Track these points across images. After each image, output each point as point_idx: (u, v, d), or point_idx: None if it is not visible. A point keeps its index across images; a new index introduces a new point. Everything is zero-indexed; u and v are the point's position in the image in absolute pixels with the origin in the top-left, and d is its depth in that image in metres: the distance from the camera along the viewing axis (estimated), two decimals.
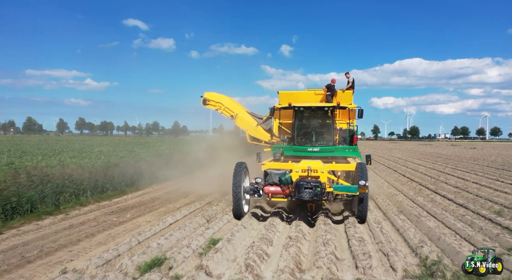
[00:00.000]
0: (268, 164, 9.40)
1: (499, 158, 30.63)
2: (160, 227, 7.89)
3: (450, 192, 12.62)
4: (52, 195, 10.39)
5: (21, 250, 6.46)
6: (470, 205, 10.27)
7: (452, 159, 30.25)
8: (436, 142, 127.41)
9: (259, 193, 8.37)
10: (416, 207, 10.22)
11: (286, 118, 11.49)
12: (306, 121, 10.77)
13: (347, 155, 10.35)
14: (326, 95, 12.04)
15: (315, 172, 8.34)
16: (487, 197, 11.30)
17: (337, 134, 10.74)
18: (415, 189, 13.74)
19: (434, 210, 9.70)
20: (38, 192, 10.06)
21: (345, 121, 11.24)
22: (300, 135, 10.52)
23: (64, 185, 11.24)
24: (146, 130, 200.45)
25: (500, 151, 46.40)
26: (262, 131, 13.04)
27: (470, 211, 9.56)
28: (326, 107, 10.09)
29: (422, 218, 8.63)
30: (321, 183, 7.93)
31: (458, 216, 9.06)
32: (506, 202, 10.31)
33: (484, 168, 21.23)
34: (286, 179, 8.03)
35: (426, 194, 12.53)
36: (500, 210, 9.47)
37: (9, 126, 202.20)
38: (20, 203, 9.08)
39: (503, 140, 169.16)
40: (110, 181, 12.88)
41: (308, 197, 7.81)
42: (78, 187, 11.48)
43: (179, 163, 17.39)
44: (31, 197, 9.61)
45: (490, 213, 9.14)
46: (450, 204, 10.71)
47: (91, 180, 12.18)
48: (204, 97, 13.76)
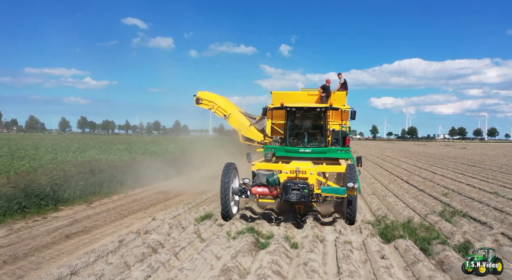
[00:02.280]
0: (258, 164, 9.37)
1: (477, 157, 33.93)
2: (197, 201, 11.13)
3: (418, 181, 15.87)
4: (107, 181, 13.59)
5: (115, 210, 9.78)
6: (427, 190, 13.52)
7: (435, 157, 33.53)
8: (432, 142, 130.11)
9: (247, 194, 8.35)
10: (386, 191, 13.48)
11: (278, 118, 11.31)
12: (298, 122, 10.67)
13: (339, 157, 10.27)
14: (321, 96, 12.00)
15: (303, 173, 8.31)
16: (444, 185, 14.55)
17: (329, 135, 10.55)
18: (391, 179, 17.03)
19: (398, 192, 12.98)
20: (97, 179, 13.27)
21: (337, 122, 11.10)
22: (292, 136, 10.45)
23: (112, 174, 14.45)
24: (147, 129, 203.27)
25: (486, 151, 49.65)
26: (255, 131, 12.93)
27: (425, 194, 12.81)
28: (318, 108, 9.96)
29: (386, 197, 11.90)
30: (309, 185, 7.90)
31: (414, 196, 12.35)
32: (455, 188, 13.57)
33: (458, 165, 24.54)
34: (273, 180, 8.00)
35: (398, 183, 15.81)
36: (447, 192, 12.73)
37: (12, 124, 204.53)
38: (87, 186, 12.23)
39: (500, 140, 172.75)
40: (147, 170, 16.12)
41: (295, 198, 7.81)
42: (124, 175, 14.70)
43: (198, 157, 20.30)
44: (94, 183, 12.79)
45: (439, 195, 12.37)
46: (413, 189, 14.00)
47: (133, 170, 15.44)
48: (197, 96, 13.69)
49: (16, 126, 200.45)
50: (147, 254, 6.10)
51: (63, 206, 10.10)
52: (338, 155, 10.18)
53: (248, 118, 13.48)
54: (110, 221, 8.77)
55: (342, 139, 10.49)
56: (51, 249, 6.67)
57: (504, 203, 10.62)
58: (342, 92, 12.31)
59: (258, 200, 8.60)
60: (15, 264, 5.90)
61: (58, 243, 7.00)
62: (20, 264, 5.90)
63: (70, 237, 7.38)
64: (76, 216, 9.10)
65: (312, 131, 10.42)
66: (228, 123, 13.73)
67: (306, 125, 10.46)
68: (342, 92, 12.33)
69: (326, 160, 10.07)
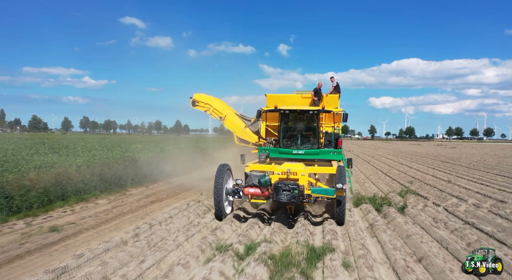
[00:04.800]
0: (252, 166, 9.58)
1: (457, 155, 37.95)
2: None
3: (394, 174, 19.81)
4: (142, 175, 17.37)
5: (170, 190, 13.78)
6: (398, 179, 17.47)
7: (420, 155, 37.53)
8: (427, 142, 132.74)
9: (240, 195, 8.64)
10: (367, 180, 17.42)
11: (273, 120, 11.60)
12: (292, 124, 10.98)
13: (332, 158, 10.55)
14: (313, 99, 12.32)
15: (294, 174, 8.52)
16: (413, 176, 18.49)
17: (322, 137, 10.80)
18: (373, 172, 21.02)
19: (375, 180, 16.95)
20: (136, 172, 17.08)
21: (330, 125, 11.42)
22: (285, 138, 10.72)
23: (150, 167, 18.30)
24: (148, 129, 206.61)
25: (472, 151, 53.65)
26: (250, 133, 13.23)
27: (396, 181, 16.75)
28: (311, 110, 10.29)
29: (365, 183, 15.84)
30: (299, 186, 8.11)
31: (386, 183, 16.32)
32: (420, 178, 17.51)
33: (435, 162, 28.56)
34: (265, 181, 8.26)
35: (378, 174, 19.78)
36: (412, 180, 16.67)
37: (15, 124, 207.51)
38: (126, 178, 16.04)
39: (497, 140, 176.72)
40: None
41: (286, 199, 8.05)
42: (157, 169, 18.57)
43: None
44: (142, 173, 16.64)
45: (405, 182, 16.29)
46: (387, 178, 17.99)
47: (162, 165, 19.35)
48: (193, 99, 13.99)
49: (19, 125, 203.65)
50: (206, 211, 10.05)
51: (130, 188, 14.03)
52: (330, 157, 10.50)
53: (243, 120, 13.78)
54: (171, 196, 12.73)
55: (335, 141, 10.85)
56: (146, 208, 10.69)
57: (450, 187, 14.61)
58: (335, 95, 12.69)
59: (251, 201, 8.88)
60: (130, 214, 9.81)
61: (145, 207, 10.92)
62: (134, 214, 9.82)
63: (153, 203, 11.40)
64: (145, 193, 13.11)
65: (305, 133, 10.78)
66: (224, 125, 13.98)
67: (300, 127, 10.82)
68: (335, 95, 12.72)
69: (318, 162, 10.53)
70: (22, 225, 8.34)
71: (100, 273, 5.38)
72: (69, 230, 8.00)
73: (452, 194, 12.64)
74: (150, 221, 8.50)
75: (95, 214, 9.67)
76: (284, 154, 10.29)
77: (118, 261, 5.85)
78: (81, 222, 8.76)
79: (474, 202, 11.36)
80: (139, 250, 6.45)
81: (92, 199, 11.59)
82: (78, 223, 8.64)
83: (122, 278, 5.26)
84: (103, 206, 10.78)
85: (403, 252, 6.56)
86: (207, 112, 14.05)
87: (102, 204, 11.09)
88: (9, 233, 7.73)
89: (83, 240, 7.53)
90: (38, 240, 7.23)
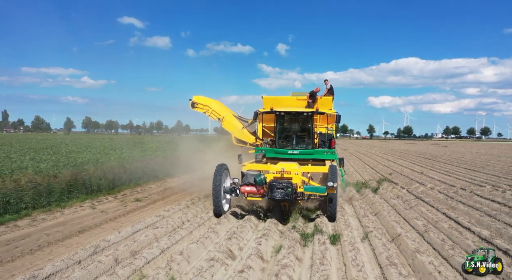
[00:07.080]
0: (248, 165, 10.05)
1: (441, 153, 41.88)
2: None
3: (379, 168, 23.65)
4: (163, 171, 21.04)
5: (166, 191, 17.57)
6: (381, 171, 21.34)
7: (408, 153, 41.42)
8: (423, 141, 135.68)
9: (236, 193, 9.09)
10: (355, 172, 21.29)
11: (269, 122, 12.02)
12: (287, 125, 11.42)
13: (325, 158, 11.02)
14: (308, 101, 12.63)
15: (288, 173, 8.91)
16: (394, 169, 22.35)
17: (316, 138, 11.26)
18: (362, 166, 24.92)
19: (361, 172, 20.86)
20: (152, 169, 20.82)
21: (324, 126, 11.93)
22: (281, 138, 11.15)
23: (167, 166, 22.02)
24: (149, 129, 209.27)
25: (460, 149, 57.40)
26: (247, 133, 13.67)
27: (379, 173, 20.62)
28: (305, 112, 10.78)
29: (353, 175, 19.72)
30: (293, 184, 8.48)
31: (370, 174, 20.21)
32: (399, 171, 21.36)
33: (419, 158, 32.48)
34: (260, 180, 8.64)
35: (366, 168, 23.67)
36: (392, 172, 20.54)
37: (18, 124, 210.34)
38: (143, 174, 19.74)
39: (496, 139, 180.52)
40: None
41: (280, 196, 8.43)
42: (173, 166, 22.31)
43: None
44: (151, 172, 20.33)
45: (385, 174, 20.12)
46: (372, 171, 21.90)
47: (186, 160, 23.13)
48: (192, 100, 14.34)
49: (22, 126, 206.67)
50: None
51: (166, 178, 17.89)
52: (324, 156, 11.01)
53: (241, 121, 14.25)
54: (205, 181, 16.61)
55: (328, 141, 11.46)
56: (189, 190, 14.50)
57: (420, 177, 18.47)
58: (329, 97, 13.12)
59: (247, 198, 9.26)
60: (180, 193, 13.63)
61: (187, 189, 14.73)
62: (182, 193, 13.64)
63: (191, 187, 15.24)
64: (181, 181, 17.02)
65: (300, 133, 11.20)
66: (222, 126, 14.39)
67: (295, 128, 11.28)
68: (329, 97, 13.14)
69: (313, 161, 10.98)
70: (113, 198, 12.33)
71: (181, 218, 9.20)
72: (146, 201, 11.99)
73: (418, 181, 16.50)
74: (196, 196, 12.53)
75: (156, 193, 13.68)
76: (280, 154, 10.76)
77: (186, 215, 9.75)
78: (150, 197, 12.74)
79: (432, 186, 15.20)
80: (197, 210, 10.35)
81: (145, 185, 15.47)
82: (149, 197, 12.65)
83: (196, 219, 9.13)
84: (156, 189, 14.72)
85: (366, 211, 10.43)
86: (206, 114, 14.39)
87: (155, 188, 15.03)
88: (112, 201, 11.82)
89: (159, 206, 11.47)
90: (132, 206, 11.24)
